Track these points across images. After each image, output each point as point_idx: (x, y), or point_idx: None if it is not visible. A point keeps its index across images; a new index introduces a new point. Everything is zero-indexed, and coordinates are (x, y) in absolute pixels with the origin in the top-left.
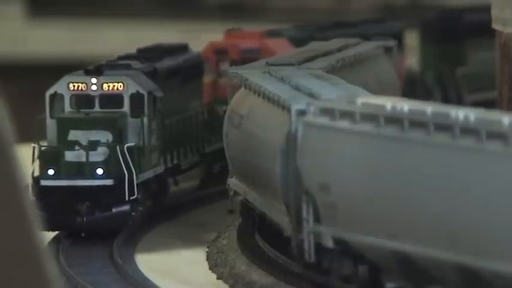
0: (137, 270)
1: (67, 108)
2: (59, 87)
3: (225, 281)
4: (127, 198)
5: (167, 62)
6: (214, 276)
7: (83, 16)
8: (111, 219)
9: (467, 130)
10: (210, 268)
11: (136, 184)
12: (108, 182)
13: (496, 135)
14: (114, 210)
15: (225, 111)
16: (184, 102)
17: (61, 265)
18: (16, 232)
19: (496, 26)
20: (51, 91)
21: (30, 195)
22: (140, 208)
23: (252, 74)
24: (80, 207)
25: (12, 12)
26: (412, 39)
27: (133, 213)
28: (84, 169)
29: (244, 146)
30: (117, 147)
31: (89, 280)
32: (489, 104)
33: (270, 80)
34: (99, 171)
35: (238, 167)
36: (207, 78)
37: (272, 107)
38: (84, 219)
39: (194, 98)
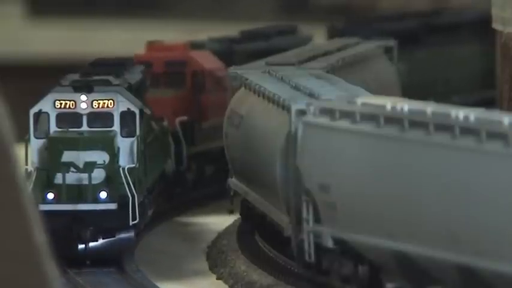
0: (137, 270)
1: (53, 127)
2: (43, 105)
3: (225, 281)
4: (130, 223)
5: (133, 77)
6: (214, 276)
7: (83, 16)
8: (115, 246)
9: (467, 130)
10: (210, 268)
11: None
12: (112, 206)
13: (496, 135)
14: (117, 235)
15: (165, 128)
16: (147, 120)
17: (61, 265)
18: (16, 232)
19: (496, 25)
20: (35, 109)
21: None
22: None
23: (252, 74)
24: (83, 233)
25: (12, 12)
26: None
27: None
28: (85, 192)
29: (244, 146)
30: (120, 169)
31: (89, 280)
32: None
33: (270, 80)
34: (103, 194)
35: (238, 167)
36: None
37: (272, 107)
38: (87, 245)
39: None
